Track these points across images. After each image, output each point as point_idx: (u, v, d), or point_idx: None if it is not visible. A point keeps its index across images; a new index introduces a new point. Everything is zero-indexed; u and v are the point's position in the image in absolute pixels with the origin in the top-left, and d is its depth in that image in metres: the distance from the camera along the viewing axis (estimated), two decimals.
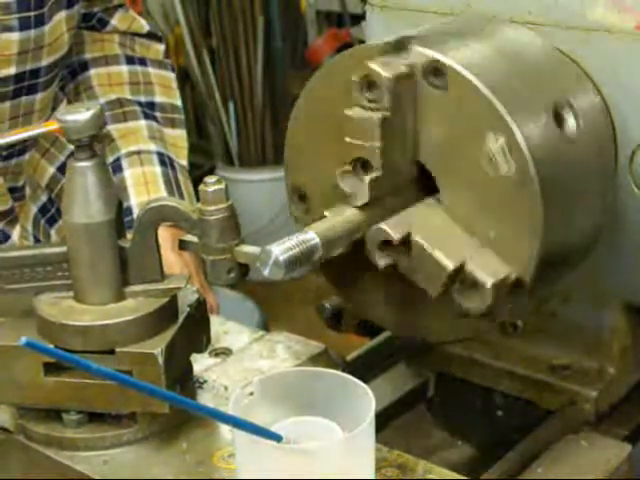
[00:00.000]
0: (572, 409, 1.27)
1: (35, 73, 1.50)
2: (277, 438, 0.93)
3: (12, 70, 1.46)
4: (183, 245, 1.10)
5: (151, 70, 1.70)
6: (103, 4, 1.67)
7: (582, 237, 1.15)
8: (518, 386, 1.32)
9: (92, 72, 1.68)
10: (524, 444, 1.27)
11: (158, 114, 1.69)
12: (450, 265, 1.03)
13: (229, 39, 4.09)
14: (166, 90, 1.71)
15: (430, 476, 1.04)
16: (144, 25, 1.71)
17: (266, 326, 2.88)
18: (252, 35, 4.09)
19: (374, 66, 1.06)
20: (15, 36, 1.44)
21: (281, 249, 0.99)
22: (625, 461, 1.17)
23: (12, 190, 1.59)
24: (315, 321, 1.35)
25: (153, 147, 1.63)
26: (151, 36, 1.72)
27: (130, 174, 1.60)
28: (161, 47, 1.74)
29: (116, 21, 1.69)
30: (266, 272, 1.00)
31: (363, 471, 0.96)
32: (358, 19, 3.80)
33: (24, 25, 1.44)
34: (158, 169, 1.61)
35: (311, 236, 1.02)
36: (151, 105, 1.68)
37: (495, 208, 1.06)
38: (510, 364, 1.32)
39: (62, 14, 1.50)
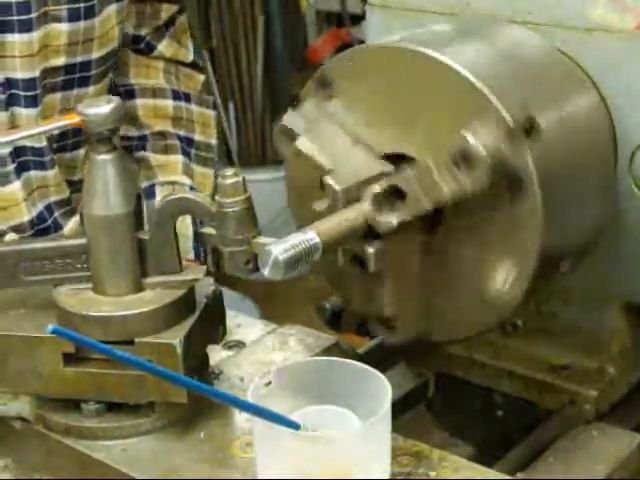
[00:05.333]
0: (572, 409, 1.27)
1: (86, 65, 1.52)
2: (295, 426, 0.95)
3: (61, 61, 1.49)
4: (201, 237, 1.11)
5: (194, 108, 1.76)
6: (151, 23, 1.70)
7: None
8: (518, 386, 1.32)
9: (138, 102, 1.72)
10: (524, 444, 1.27)
11: (193, 151, 1.74)
12: (388, 313, 1.09)
13: (229, 39, 4.09)
14: (204, 129, 1.77)
15: (445, 464, 1.05)
16: (188, 55, 1.76)
17: None
18: (252, 35, 4.09)
19: (483, 155, 1.01)
20: (64, 27, 1.46)
21: (281, 249, 0.99)
22: (636, 450, 1.17)
23: (69, 183, 1.60)
24: (315, 321, 1.35)
25: (187, 181, 1.70)
26: (194, 66, 1.77)
27: None
28: (202, 78, 1.78)
29: (163, 47, 1.72)
30: (266, 272, 1.00)
31: (379, 459, 0.97)
32: (358, 19, 3.80)
33: (73, 16, 1.46)
34: None
35: (311, 236, 1.02)
36: (189, 141, 1.74)
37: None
38: (510, 364, 1.32)
39: (112, 7, 1.52)
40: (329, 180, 1.07)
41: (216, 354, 1.23)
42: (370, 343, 1.41)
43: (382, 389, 0.97)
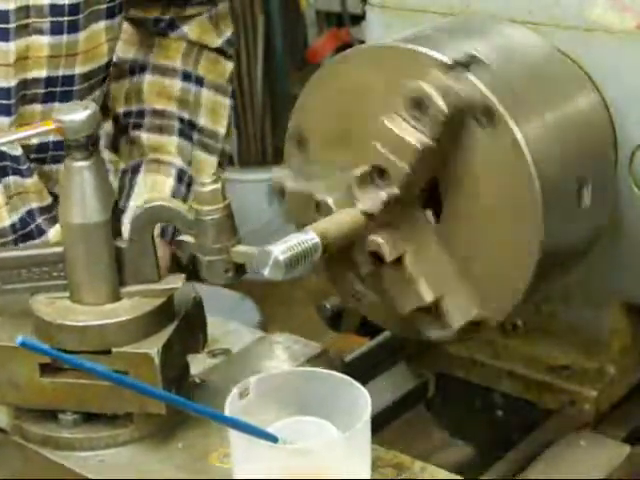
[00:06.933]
0: (572, 409, 1.27)
1: (69, 79, 1.50)
2: (273, 439, 0.93)
3: (43, 73, 1.46)
4: (178, 245, 1.10)
5: (205, 92, 1.70)
6: (175, 14, 1.66)
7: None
8: (518, 386, 1.32)
9: (147, 77, 1.68)
10: (524, 444, 1.27)
11: (195, 135, 1.69)
12: (428, 299, 1.07)
13: None
14: (213, 115, 1.70)
15: (425, 475, 1.04)
16: (215, 40, 1.70)
17: (265, 326, 2.88)
18: (252, 35, 4.09)
19: (432, 91, 1.02)
20: (46, 39, 1.44)
21: (281, 249, 0.99)
22: (625, 461, 1.17)
23: (51, 193, 1.59)
24: (315, 321, 1.35)
25: (177, 162, 1.64)
26: (220, 52, 1.71)
27: (142, 178, 1.62)
28: (228, 66, 1.72)
29: (187, 28, 1.67)
30: (266, 272, 1.00)
31: (359, 471, 0.96)
32: (358, 19, 3.79)
33: (56, 29, 1.44)
34: (171, 182, 1.62)
35: (311, 236, 1.02)
36: (191, 124, 1.69)
37: (489, 243, 1.07)
38: (510, 364, 1.32)
39: (101, 24, 1.49)
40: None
41: (201, 362, 1.21)
42: (358, 350, 1.41)
43: (362, 400, 0.96)
